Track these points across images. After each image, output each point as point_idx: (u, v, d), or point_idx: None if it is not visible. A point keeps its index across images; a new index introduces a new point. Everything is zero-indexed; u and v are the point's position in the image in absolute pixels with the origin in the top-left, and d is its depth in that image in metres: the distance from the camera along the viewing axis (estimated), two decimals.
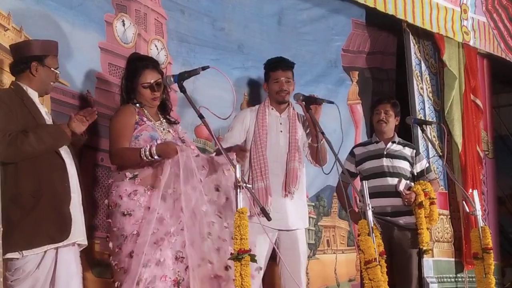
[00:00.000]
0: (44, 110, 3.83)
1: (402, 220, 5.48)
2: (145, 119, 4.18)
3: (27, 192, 3.55)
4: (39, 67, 3.74)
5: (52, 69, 3.78)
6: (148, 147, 3.94)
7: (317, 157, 4.93)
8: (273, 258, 4.92)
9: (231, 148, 4.43)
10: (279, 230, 4.85)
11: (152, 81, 4.21)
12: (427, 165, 5.78)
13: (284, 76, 5.03)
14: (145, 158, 3.93)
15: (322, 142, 4.88)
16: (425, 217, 5.35)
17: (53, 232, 3.57)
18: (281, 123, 5.01)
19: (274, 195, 4.85)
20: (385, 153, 5.58)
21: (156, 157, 3.94)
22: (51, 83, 3.83)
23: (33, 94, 3.74)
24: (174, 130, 4.33)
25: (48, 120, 3.79)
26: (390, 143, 5.63)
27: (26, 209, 3.53)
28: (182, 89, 4.13)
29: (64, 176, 3.68)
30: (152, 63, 4.29)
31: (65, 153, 3.74)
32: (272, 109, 5.04)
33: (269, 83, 5.07)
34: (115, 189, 4.03)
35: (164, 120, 4.32)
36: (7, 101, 3.62)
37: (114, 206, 4.00)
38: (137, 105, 4.22)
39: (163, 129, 4.25)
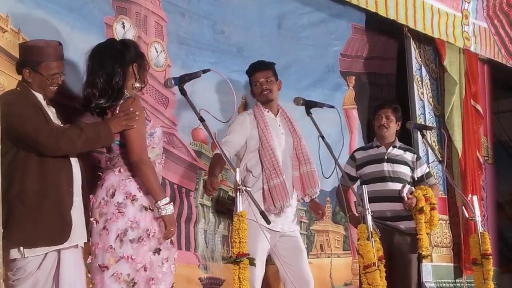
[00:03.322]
0: (51, 111, 3.75)
1: (402, 225, 5.46)
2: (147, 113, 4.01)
3: (32, 190, 3.52)
4: (32, 73, 3.66)
5: (44, 75, 3.66)
6: (166, 211, 3.79)
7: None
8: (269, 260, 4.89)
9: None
10: (278, 232, 4.84)
11: None
12: (428, 170, 5.77)
13: (263, 77, 4.94)
14: (154, 203, 3.79)
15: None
16: (425, 222, 5.34)
17: (52, 234, 3.55)
18: (279, 125, 4.98)
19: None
20: (386, 157, 5.56)
21: (159, 211, 3.80)
22: (50, 88, 3.71)
23: (39, 97, 3.69)
24: None
25: (57, 122, 3.72)
26: (391, 148, 5.61)
27: (30, 206, 3.51)
28: (183, 92, 4.10)
29: (69, 178, 3.64)
30: None
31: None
32: (268, 111, 4.96)
33: (252, 89, 5.00)
34: (130, 180, 3.79)
35: None
36: (23, 103, 3.58)
37: (132, 198, 3.76)
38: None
39: None
